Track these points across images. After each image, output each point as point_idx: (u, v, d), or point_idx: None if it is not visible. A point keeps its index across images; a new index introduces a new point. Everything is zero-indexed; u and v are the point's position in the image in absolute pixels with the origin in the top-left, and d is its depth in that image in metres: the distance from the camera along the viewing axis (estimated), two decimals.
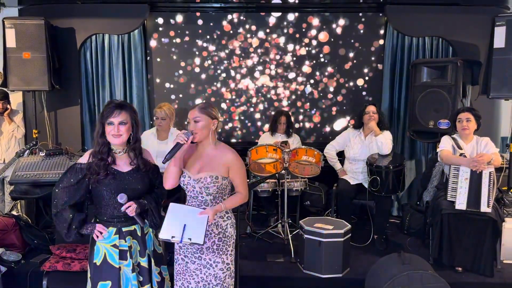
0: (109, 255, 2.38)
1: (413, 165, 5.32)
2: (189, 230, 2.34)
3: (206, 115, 2.45)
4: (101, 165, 2.34)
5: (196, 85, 5.51)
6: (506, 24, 4.14)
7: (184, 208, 2.44)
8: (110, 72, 5.31)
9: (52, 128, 5.20)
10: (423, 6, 5.03)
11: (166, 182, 2.48)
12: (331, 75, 5.47)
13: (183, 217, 2.38)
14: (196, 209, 2.42)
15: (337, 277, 3.60)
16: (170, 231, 2.35)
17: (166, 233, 2.35)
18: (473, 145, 3.81)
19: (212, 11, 5.40)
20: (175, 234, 2.34)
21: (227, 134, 5.61)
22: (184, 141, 2.37)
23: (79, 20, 5.11)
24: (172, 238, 2.34)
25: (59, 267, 3.25)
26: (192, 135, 2.41)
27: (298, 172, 4.37)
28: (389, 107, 5.30)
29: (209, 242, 2.48)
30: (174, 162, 2.42)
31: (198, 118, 2.44)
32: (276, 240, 4.37)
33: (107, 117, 2.35)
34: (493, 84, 4.27)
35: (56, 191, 2.36)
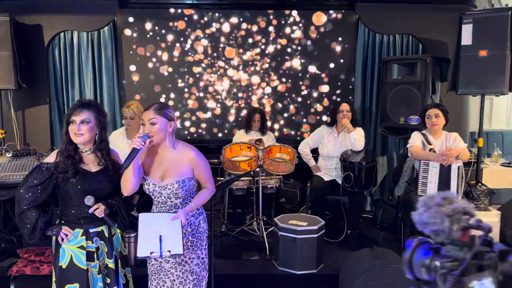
0: (75, 257, 2.33)
1: (385, 161, 5.41)
2: (166, 241, 2.29)
3: (163, 116, 2.32)
4: (69, 163, 2.29)
5: (168, 83, 5.44)
6: (473, 21, 4.24)
7: (155, 217, 2.38)
8: (80, 70, 5.19)
9: (20, 128, 5.04)
10: (394, 4, 5.10)
11: (124, 190, 2.35)
12: (303, 73, 5.49)
13: (157, 228, 2.32)
14: (167, 214, 2.37)
15: (312, 273, 3.63)
16: (147, 247, 2.29)
17: (144, 251, 2.29)
18: (442, 140, 3.90)
19: (183, 7, 5.35)
20: (153, 249, 2.29)
21: (200, 133, 5.57)
22: (140, 146, 2.23)
23: (46, 16, 4.97)
24: (151, 254, 2.28)
25: (27, 271, 3.15)
26: (149, 138, 2.28)
27: (273, 170, 4.38)
28: (361, 104, 5.37)
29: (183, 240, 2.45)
30: (132, 170, 2.28)
31: (154, 119, 2.29)
32: (251, 238, 4.36)
33: (69, 115, 2.30)
34: (461, 80, 4.37)
35: (21, 191, 2.29)
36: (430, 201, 1.17)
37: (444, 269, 1.09)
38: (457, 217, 1.13)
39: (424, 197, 1.18)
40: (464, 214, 1.13)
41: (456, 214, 1.13)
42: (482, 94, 4.41)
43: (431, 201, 1.17)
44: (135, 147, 2.23)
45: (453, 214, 1.13)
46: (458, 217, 1.13)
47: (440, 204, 1.15)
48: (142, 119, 2.35)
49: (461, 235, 1.13)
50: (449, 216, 1.13)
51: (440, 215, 1.13)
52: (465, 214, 1.14)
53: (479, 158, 4.47)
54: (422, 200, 1.18)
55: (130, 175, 2.31)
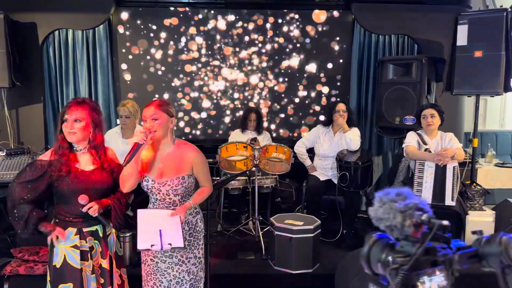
0: (69, 257, 2.31)
1: (380, 161, 5.42)
2: (166, 235, 2.30)
3: (165, 112, 2.35)
4: (62, 161, 2.27)
5: (164, 82, 5.42)
6: (468, 22, 4.26)
7: (154, 213, 2.39)
8: (74, 69, 5.15)
9: (14, 127, 5.00)
10: (389, 4, 5.12)
11: (124, 186, 2.35)
12: (299, 72, 5.49)
13: (156, 223, 2.33)
14: (165, 211, 2.37)
15: (308, 272, 3.62)
16: (147, 240, 2.30)
17: (144, 243, 2.30)
18: (438, 140, 3.91)
19: (179, 6, 5.33)
20: (154, 242, 2.29)
21: (194, 133, 5.55)
22: (142, 141, 2.26)
23: (41, 14, 4.93)
24: (152, 246, 2.29)
25: (21, 271, 3.12)
26: (151, 134, 2.31)
27: (269, 169, 4.37)
28: (357, 103, 5.38)
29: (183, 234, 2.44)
30: (132, 165, 2.29)
31: (156, 115, 2.33)
32: (247, 237, 4.36)
33: (63, 113, 2.29)
34: (457, 81, 4.40)
35: (13, 185, 2.27)
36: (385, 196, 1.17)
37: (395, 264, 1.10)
38: (409, 213, 1.13)
39: (380, 193, 1.18)
40: (416, 210, 1.13)
41: (408, 210, 1.13)
42: (477, 94, 4.43)
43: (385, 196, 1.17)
44: (138, 142, 2.25)
45: (405, 210, 1.13)
46: (410, 213, 1.13)
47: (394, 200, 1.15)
48: (144, 115, 2.36)
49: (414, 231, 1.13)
50: (401, 212, 1.13)
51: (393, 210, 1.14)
52: (418, 210, 1.14)
53: (474, 158, 4.49)
54: (378, 195, 1.18)
55: (131, 171, 2.31)
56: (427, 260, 1.11)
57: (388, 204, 1.15)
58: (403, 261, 1.09)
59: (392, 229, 1.16)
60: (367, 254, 1.18)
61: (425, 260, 1.10)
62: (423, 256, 1.09)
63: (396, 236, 1.16)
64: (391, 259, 1.11)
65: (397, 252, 1.13)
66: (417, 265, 1.08)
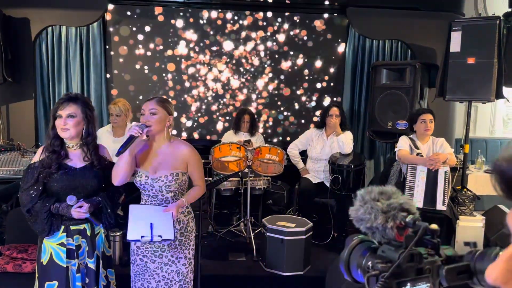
0: (55, 254, 2.28)
1: (372, 165, 5.45)
2: (157, 227, 2.28)
3: (164, 108, 2.36)
4: (53, 158, 2.25)
5: (157, 81, 5.39)
6: (462, 29, 4.30)
7: (146, 208, 2.37)
8: (67, 66, 5.11)
9: (4, 123, 4.94)
10: (384, 10, 5.16)
11: (115, 179, 2.33)
12: (292, 75, 5.50)
13: (147, 217, 2.31)
14: (158, 207, 2.36)
15: (299, 274, 3.62)
16: (137, 231, 2.27)
17: (134, 234, 2.27)
18: (429, 145, 3.94)
19: (175, 5, 5.31)
20: (144, 233, 2.27)
21: (190, 131, 5.53)
22: (138, 134, 2.25)
23: (34, 10, 4.88)
24: (141, 237, 2.26)
25: (9, 269, 3.08)
26: (147, 128, 2.30)
27: (262, 171, 4.36)
28: (350, 107, 5.40)
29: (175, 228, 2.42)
30: (125, 158, 2.28)
31: (154, 110, 2.33)
32: (238, 239, 4.34)
33: (55, 109, 2.27)
34: (449, 86, 4.43)
35: (20, 195, 2.30)
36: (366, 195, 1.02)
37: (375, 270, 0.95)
38: (392, 213, 0.98)
39: (362, 191, 1.04)
40: (401, 211, 0.99)
41: (391, 211, 0.98)
42: (469, 100, 4.47)
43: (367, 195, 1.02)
44: (133, 135, 2.24)
45: (388, 210, 0.98)
46: (393, 214, 0.98)
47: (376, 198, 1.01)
48: (143, 108, 2.36)
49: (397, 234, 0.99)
50: (384, 213, 0.99)
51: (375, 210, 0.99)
52: (402, 211, 0.99)
53: (465, 164, 4.53)
54: (359, 194, 1.04)
55: (124, 164, 2.29)
56: (412, 268, 0.96)
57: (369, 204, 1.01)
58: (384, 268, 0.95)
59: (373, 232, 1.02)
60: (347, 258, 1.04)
61: (409, 267, 0.96)
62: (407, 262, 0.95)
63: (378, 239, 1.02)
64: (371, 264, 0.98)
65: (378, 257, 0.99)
66: (399, 272, 0.94)
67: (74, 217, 2.28)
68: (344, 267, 1.05)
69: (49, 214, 2.25)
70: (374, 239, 1.03)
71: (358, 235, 1.06)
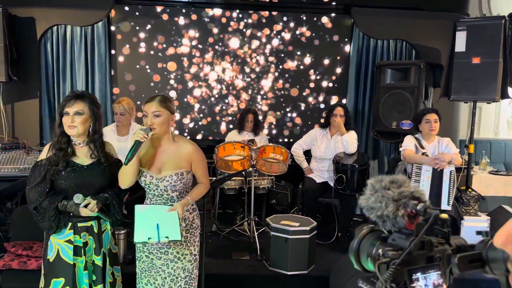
0: (62, 251, 2.29)
1: (376, 165, 5.44)
2: (163, 228, 2.27)
3: (166, 109, 2.33)
4: (60, 155, 2.26)
5: (162, 80, 5.40)
6: (466, 29, 4.30)
7: (151, 208, 2.37)
8: (72, 65, 5.12)
9: (9, 122, 4.95)
10: (388, 10, 5.16)
11: (122, 183, 2.34)
12: (297, 75, 5.50)
13: (153, 217, 2.31)
14: (163, 206, 2.35)
15: (303, 273, 3.61)
16: (144, 233, 2.27)
17: (141, 236, 2.27)
18: (435, 145, 3.93)
19: (178, 5, 5.32)
20: (151, 235, 2.26)
21: (193, 131, 5.54)
22: (143, 139, 2.24)
23: (40, 9, 4.90)
24: (149, 239, 2.26)
25: (14, 266, 3.08)
26: (152, 131, 2.29)
27: (265, 170, 4.36)
28: (354, 107, 5.40)
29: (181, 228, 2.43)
30: (134, 161, 2.27)
31: (158, 112, 2.30)
32: (242, 238, 4.34)
33: (63, 106, 2.28)
34: (454, 86, 4.42)
35: (27, 193, 2.31)
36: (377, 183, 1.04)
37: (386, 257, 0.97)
38: (403, 201, 0.99)
39: (372, 180, 1.05)
40: (411, 199, 1.00)
41: (402, 199, 1.00)
42: (474, 100, 4.46)
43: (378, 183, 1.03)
44: (139, 140, 2.23)
45: (399, 198, 1.00)
46: (404, 202, 0.99)
47: (387, 187, 1.02)
48: (145, 110, 2.34)
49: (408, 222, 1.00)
50: (394, 201, 1.00)
51: (386, 199, 1.01)
52: (413, 199, 1.00)
53: (470, 164, 4.52)
54: (370, 183, 1.06)
55: (131, 168, 2.29)
56: (422, 255, 0.98)
57: (380, 192, 1.02)
58: (394, 255, 0.96)
59: (384, 220, 1.02)
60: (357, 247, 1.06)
61: (420, 255, 0.98)
62: (418, 250, 0.97)
63: (388, 228, 1.04)
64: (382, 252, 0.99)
65: (388, 245, 1.01)
66: (410, 260, 0.96)
67: (82, 215, 2.29)
68: (354, 256, 1.06)
69: (57, 212, 2.26)
70: (384, 228, 1.04)
71: (368, 225, 1.07)
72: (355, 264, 1.08)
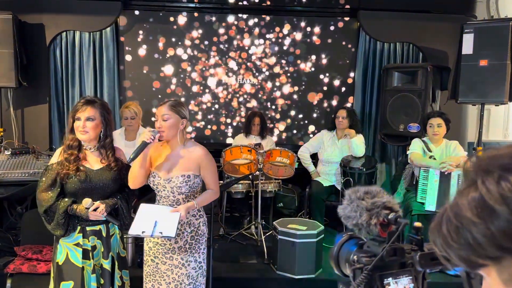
0: (71, 255, 2.32)
1: (384, 168, 5.42)
2: (160, 225, 2.30)
3: (176, 113, 2.37)
4: (71, 160, 2.29)
5: (169, 85, 5.44)
6: (474, 31, 4.28)
7: (155, 207, 2.40)
8: (81, 70, 5.18)
9: (19, 127, 5.01)
10: (395, 13, 5.15)
11: (131, 183, 2.39)
12: (304, 79, 5.51)
13: (154, 215, 2.34)
14: (167, 207, 2.38)
15: (310, 277, 3.61)
16: (140, 227, 2.29)
17: (136, 229, 2.29)
18: (443, 148, 3.92)
19: (186, 11, 5.36)
20: (145, 229, 2.28)
21: (201, 135, 5.56)
22: (150, 140, 2.29)
23: (49, 16, 4.96)
24: (142, 233, 2.28)
25: (24, 269, 3.12)
26: (159, 134, 2.34)
27: (272, 174, 4.37)
28: (361, 110, 5.38)
29: (181, 241, 2.44)
30: (140, 162, 2.33)
31: (166, 115, 2.35)
32: (249, 241, 4.34)
33: (74, 112, 2.32)
34: (462, 89, 4.40)
35: (37, 195, 2.34)
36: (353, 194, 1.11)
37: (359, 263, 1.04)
38: (376, 211, 1.06)
39: (350, 190, 1.13)
40: (384, 209, 1.07)
41: (375, 209, 1.07)
42: (482, 103, 4.43)
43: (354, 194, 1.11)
44: (145, 141, 2.28)
45: (372, 208, 1.07)
46: (377, 212, 1.06)
47: (361, 197, 1.09)
48: (156, 113, 2.39)
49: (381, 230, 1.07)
50: (368, 210, 1.07)
51: (360, 208, 1.08)
52: (385, 209, 1.07)
53: None
54: (347, 193, 1.14)
55: (138, 168, 2.34)
56: (395, 261, 1.04)
57: (355, 202, 1.09)
58: (368, 261, 1.03)
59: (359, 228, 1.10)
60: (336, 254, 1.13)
61: (392, 261, 1.04)
62: (390, 257, 1.03)
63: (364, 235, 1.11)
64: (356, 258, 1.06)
65: (363, 251, 1.08)
66: (382, 265, 1.02)
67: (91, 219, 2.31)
68: (334, 262, 1.12)
69: (66, 215, 2.29)
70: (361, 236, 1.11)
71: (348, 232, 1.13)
72: (335, 269, 1.13)
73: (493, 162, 0.56)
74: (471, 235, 0.55)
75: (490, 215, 0.54)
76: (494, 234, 0.53)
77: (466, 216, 0.56)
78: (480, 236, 0.55)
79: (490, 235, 0.54)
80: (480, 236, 0.55)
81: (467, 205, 0.56)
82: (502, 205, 0.52)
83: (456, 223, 0.57)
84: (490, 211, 0.53)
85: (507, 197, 0.52)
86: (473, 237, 0.55)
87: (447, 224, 0.59)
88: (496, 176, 0.54)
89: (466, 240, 0.56)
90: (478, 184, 0.56)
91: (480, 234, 0.54)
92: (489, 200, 0.54)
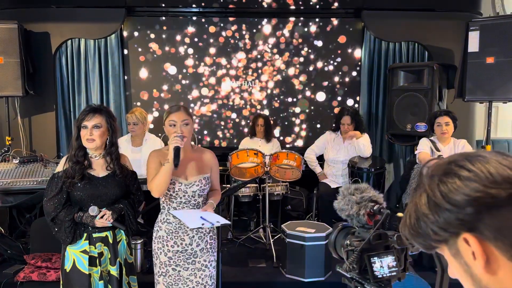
0: (78, 262, 2.33)
1: (392, 168, 5.38)
2: (209, 218, 2.31)
3: (191, 117, 2.43)
4: (76, 168, 2.30)
5: (176, 90, 5.45)
6: (479, 28, 4.24)
7: (187, 210, 2.41)
8: (86, 78, 5.21)
9: (26, 135, 5.05)
10: (399, 12, 5.11)
11: (158, 191, 2.31)
12: (308, 80, 5.49)
13: (193, 214, 2.35)
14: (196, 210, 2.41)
15: (320, 280, 3.59)
16: (195, 222, 2.28)
17: (193, 224, 2.26)
18: (451, 147, 3.88)
19: (191, 16, 5.38)
20: (203, 221, 2.27)
21: (205, 140, 5.56)
22: (181, 144, 2.29)
23: (54, 24, 5.00)
24: (202, 224, 2.26)
25: (34, 277, 3.13)
26: (185, 139, 2.33)
27: (279, 176, 4.35)
28: (367, 111, 5.36)
29: (203, 243, 2.46)
30: (170, 169, 2.29)
31: (187, 121, 2.38)
32: (257, 245, 4.33)
33: (81, 120, 2.32)
34: (468, 87, 4.36)
35: (44, 204, 2.36)
36: (345, 190, 1.35)
37: (351, 246, 1.29)
38: (364, 204, 1.30)
39: (343, 187, 1.36)
40: (370, 202, 1.30)
41: (363, 202, 1.30)
42: (489, 101, 4.39)
43: (346, 191, 1.34)
44: (178, 146, 2.27)
45: (360, 201, 1.30)
46: (365, 204, 1.30)
47: (352, 193, 1.32)
48: (173, 119, 2.36)
49: (368, 219, 1.30)
50: (357, 203, 1.30)
51: (351, 202, 1.31)
52: (371, 202, 1.31)
53: None
54: (341, 190, 1.36)
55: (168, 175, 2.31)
56: (380, 244, 1.29)
57: (347, 197, 1.33)
58: (358, 244, 1.27)
59: (351, 218, 1.33)
60: (333, 240, 1.37)
61: (378, 244, 1.28)
62: (376, 240, 1.27)
63: (355, 224, 1.34)
64: (349, 242, 1.30)
65: (355, 237, 1.32)
66: (370, 248, 1.26)
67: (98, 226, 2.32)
68: (331, 247, 1.38)
69: (73, 223, 2.30)
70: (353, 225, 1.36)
71: (343, 222, 1.39)
72: (333, 253, 1.39)
73: (436, 169, 0.75)
74: (425, 224, 0.74)
75: (436, 209, 0.72)
76: (441, 222, 0.72)
77: (421, 211, 0.75)
78: (432, 224, 0.73)
79: (438, 223, 0.72)
80: (432, 224, 0.73)
81: (422, 203, 0.75)
82: (442, 201, 0.71)
83: (415, 216, 0.76)
84: (436, 206, 0.72)
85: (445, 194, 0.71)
86: (427, 226, 0.74)
87: (409, 218, 0.77)
88: (437, 180, 0.73)
89: (423, 228, 0.75)
90: (426, 187, 0.74)
91: (432, 223, 0.73)
92: (434, 198, 0.72)
